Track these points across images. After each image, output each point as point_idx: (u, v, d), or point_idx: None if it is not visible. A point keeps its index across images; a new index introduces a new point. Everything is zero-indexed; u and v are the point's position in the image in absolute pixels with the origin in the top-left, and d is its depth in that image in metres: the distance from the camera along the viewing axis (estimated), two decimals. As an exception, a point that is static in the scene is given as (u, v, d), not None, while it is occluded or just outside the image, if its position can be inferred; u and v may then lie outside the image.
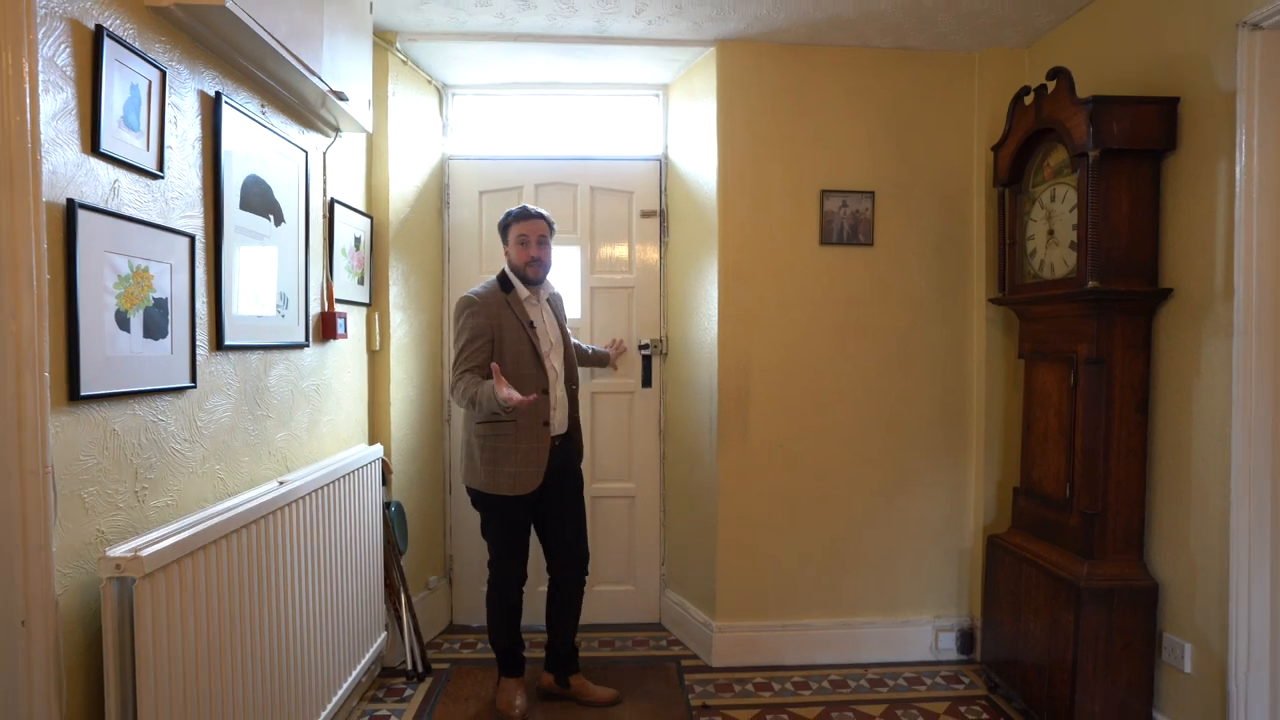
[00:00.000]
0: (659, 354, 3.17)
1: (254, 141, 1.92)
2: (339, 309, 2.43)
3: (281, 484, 1.92)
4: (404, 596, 2.71)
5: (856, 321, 2.84)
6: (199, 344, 1.69)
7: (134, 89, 1.46)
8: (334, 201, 2.41)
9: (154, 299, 1.53)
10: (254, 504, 1.72)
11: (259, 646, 1.75)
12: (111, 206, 1.42)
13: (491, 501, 2.37)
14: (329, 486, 2.14)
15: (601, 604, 3.15)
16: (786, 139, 2.79)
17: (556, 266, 2.53)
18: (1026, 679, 2.37)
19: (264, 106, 2.00)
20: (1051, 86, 2.26)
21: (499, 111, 3.21)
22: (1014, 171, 2.51)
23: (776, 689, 2.66)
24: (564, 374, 2.45)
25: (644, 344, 3.15)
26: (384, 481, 2.66)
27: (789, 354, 2.82)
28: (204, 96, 1.71)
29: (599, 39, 2.73)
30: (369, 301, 2.71)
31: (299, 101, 2.13)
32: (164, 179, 1.57)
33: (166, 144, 1.57)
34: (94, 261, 1.36)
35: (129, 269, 1.45)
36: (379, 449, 2.57)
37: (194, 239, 1.66)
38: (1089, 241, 2.10)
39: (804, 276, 2.81)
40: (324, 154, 2.37)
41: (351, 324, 2.56)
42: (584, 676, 2.57)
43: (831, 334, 2.83)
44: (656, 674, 2.76)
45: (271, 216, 2.02)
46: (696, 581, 2.99)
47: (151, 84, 1.51)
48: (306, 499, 2.00)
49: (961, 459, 2.88)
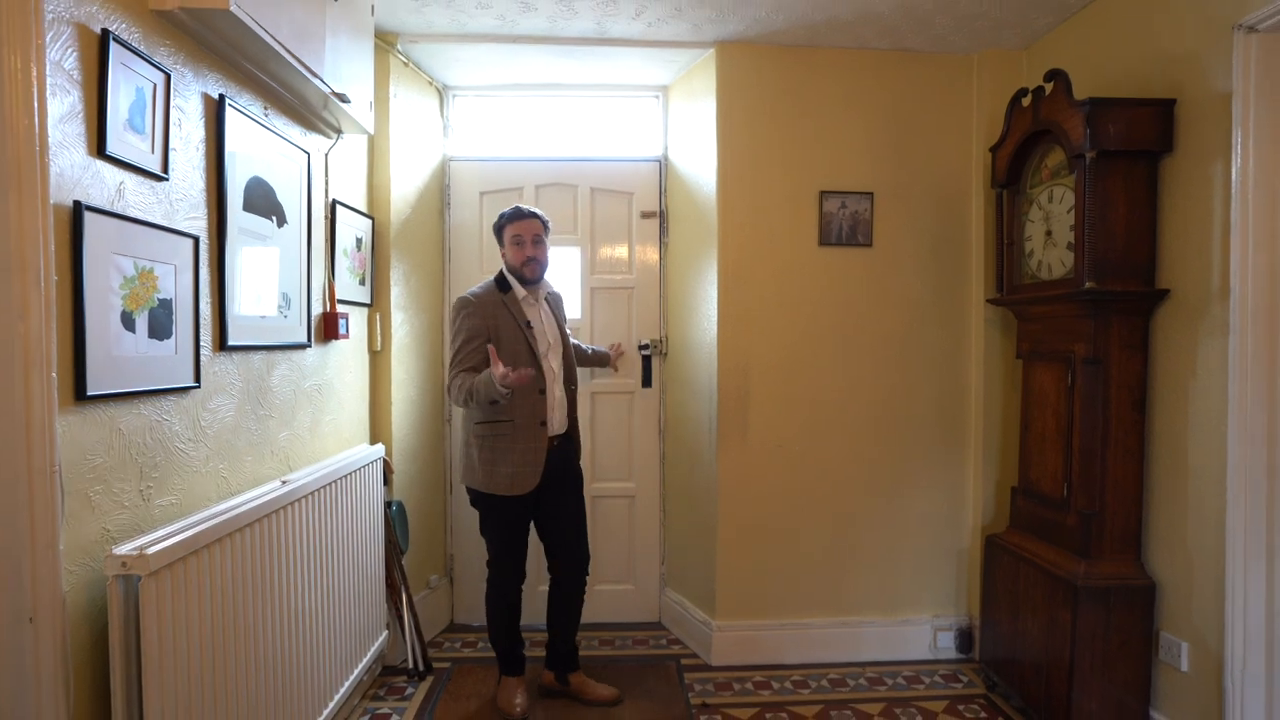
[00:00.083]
0: (659, 354, 3.18)
1: (257, 143, 1.93)
2: (341, 309, 2.45)
3: (284, 483, 1.93)
4: (405, 595, 2.72)
5: (855, 322, 2.85)
6: (203, 344, 1.71)
7: (139, 92, 1.48)
8: (336, 203, 2.43)
9: (159, 300, 1.54)
10: (257, 503, 1.74)
11: (262, 644, 1.76)
12: (117, 208, 1.43)
13: (489, 501, 2.38)
14: (331, 486, 2.16)
15: (602, 603, 3.16)
16: (786, 140, 2.80)
17: (557, 267, 2.54)
18: (1024, 678, 2.38)
19: (267, 109, 2.01)
20: (1049, 88, 2.27)
21: (499, 113, 3.22)
22: (1012, 173, 2.52)
23: (776, 688, 2.67)
24: (562, 374, 2.45)
25: (644, 344, 3.16)
26: (385, 481, 2.67)
27: (788, 354, 2.83)
28: (208, 99, 1.73)
29: (599, 41, 2.75)
30: (370, 302, 2.73)
31: (301, 103, 2.15)
32: (169, 181, 1.58)
33: (171, 146, 1.58)
34: (100, 263, 1.38)
35: (134, 270, 1.47)
36: (380, 449, 2.59)
37: (198, 240, 1.67)
38: (1086, 242, 2.11)
39: (803, 277, 2.83)
40: (326, 155, 2.39)
41: (353, 324, 2.57)
42: (584, 675, 2.58)
43: (831, 334, 2.84)
44: (656, 673, 2.77)
45: (274, 218, 2.04)
46: (696, 581, 3.00)
47: (156, 87, 1.53)
48: (309, 498, 2.01)
49: (960, 458, 2.89)
